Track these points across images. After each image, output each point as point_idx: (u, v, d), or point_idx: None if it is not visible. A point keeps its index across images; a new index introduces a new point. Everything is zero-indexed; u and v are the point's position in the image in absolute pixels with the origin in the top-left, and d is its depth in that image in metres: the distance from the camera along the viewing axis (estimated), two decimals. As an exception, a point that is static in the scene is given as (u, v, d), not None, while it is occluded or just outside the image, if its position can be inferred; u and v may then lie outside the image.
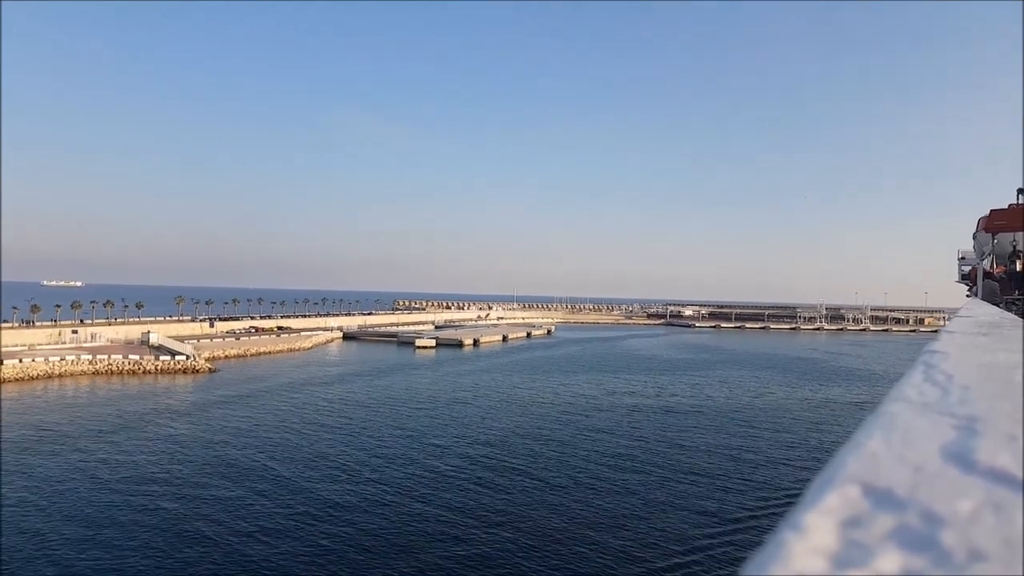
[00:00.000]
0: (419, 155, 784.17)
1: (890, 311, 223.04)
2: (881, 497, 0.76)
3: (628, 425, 51.07)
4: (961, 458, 0.90)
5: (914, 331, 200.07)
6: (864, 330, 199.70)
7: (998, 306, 13.99)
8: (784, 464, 41.22)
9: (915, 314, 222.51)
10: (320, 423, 49.38)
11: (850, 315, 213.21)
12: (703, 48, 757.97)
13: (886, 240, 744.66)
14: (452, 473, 37.41)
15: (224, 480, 35.29)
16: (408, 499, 32.88)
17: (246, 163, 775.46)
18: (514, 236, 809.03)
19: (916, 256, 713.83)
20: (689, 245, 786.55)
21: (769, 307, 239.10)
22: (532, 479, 36.74)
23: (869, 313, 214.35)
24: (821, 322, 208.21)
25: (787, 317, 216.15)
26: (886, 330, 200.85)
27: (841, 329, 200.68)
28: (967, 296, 26.47)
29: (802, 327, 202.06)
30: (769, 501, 34.02)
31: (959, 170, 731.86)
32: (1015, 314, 11.13)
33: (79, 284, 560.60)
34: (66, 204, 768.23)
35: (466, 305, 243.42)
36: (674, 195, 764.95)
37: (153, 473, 36.29)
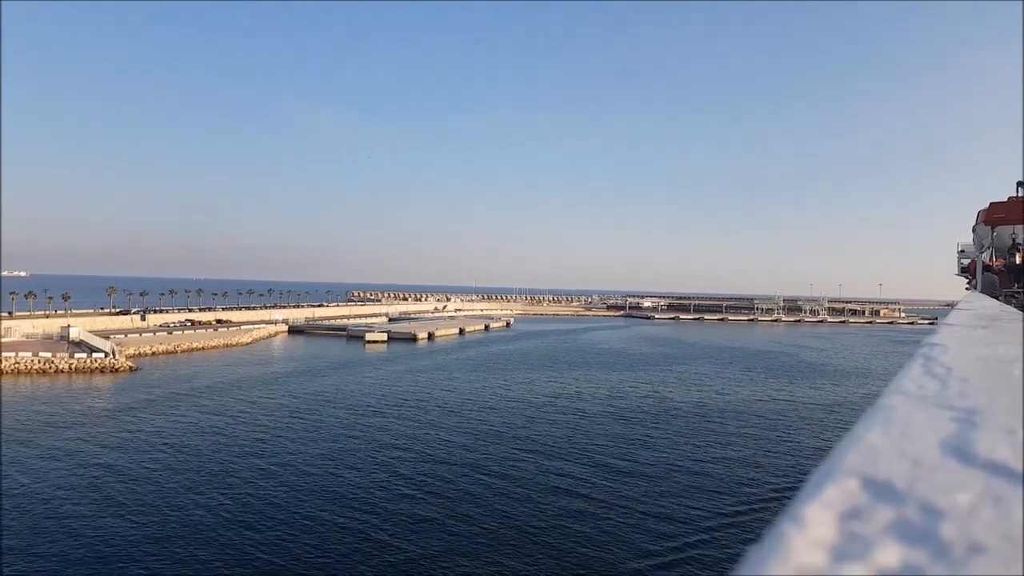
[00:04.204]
0: (382, 148, 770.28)
1: (846, 303, 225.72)
2: (880, 490, 0.76)
3: (587, 429, 46.79)
4: (960, 451, 0.90)
5: (870, 323, 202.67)
6: (821, 321, 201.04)
7: (997, 299, 13.87)
8: (761, 467, 37.56)
9: (870, 305, 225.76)
10: (234, 433, 43.18)
11: (807, 307, 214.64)
12: (671, 41, 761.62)
13: (840, 231, 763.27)
14: (379, 491, 32.41)
15: (89, 514, 29.49)
16: (325, 521, 27.90)
17: (204, 157, 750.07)
18: (475, 228, 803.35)
19: (870, 247, 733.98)
20: (648, 236, 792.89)
21: (727, 299, 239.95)
22: (477, 496, 32.07)
23: (826, 305, 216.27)
24: (779, 313, 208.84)
25: (745, 308, 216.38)
26: (843, 321, 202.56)
27: (798, 321, 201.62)
28: (966, 289, 25.33)
29: (760, 319, 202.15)
30: (747, 504, 30.30)
31: (913, 162, 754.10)
32: (1014, 307, 10.66)
33: (23, 274, 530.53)
34: (14, 192, 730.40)
35: (424, 297, 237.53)
36: (634, 188, 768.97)
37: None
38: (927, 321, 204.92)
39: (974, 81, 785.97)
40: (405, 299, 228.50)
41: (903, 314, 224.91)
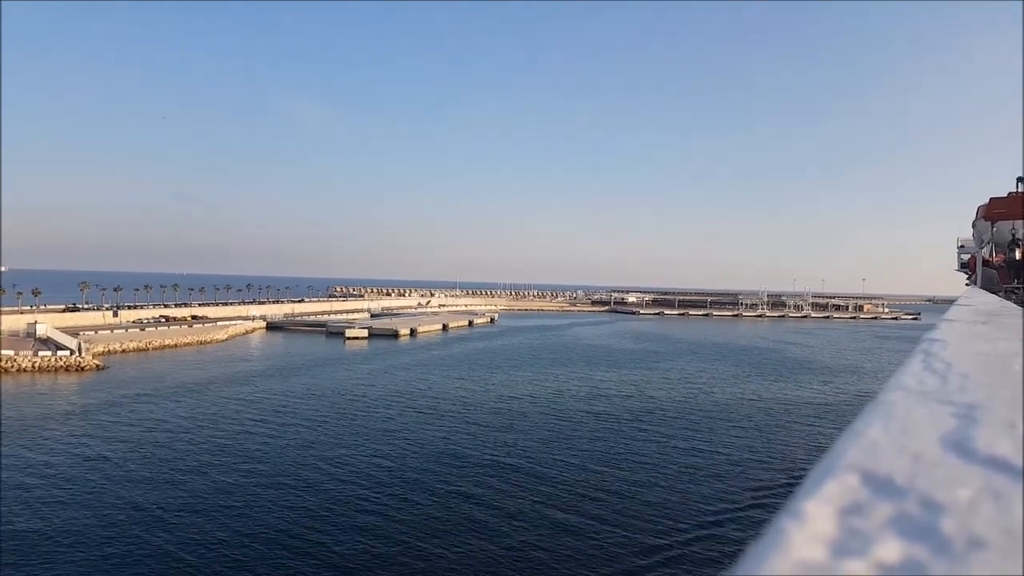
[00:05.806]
0: (366, 140, 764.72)
1: (830, 298, 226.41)
2: (881, 485, 0.76)
3: (571, 428, 45.16)
4: (960, 446, 0.90)
5: (854, 318, 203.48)
6: (805, 317, 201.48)
7: (997, 294, 13.83)
8: (752, 464, 36.18)
9: (854, 301, 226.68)
10: (193, 440, 40.59)
11: (791, 302, 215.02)
12: (658, 37, 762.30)
13: (824, 226, 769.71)
14: (344, 503, 30.57)
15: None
16: (283, 534, 26.06)
17: (188, 151, 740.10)
18: (460, 224, 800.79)
19: (853, 243, 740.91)
20: (633, 231, 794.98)
21: (711, 294, 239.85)
22: (451, 505, 30.34)
23: (810, 300, 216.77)
24: (763, 309, 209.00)
25: (729, 304, 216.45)
26: (827, 317, 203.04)
27: (783, 316, 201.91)
28: (966, 284, 25.53)
29: (744, 314, 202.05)
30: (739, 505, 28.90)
31: (896, 158, 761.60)
32: (1014, 303, 10.55)
33: (3, 269, 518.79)
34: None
35: (407, 292, 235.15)
36: (619, 183, 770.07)
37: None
38: (910, 316, 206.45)
39: (962, 78, 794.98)
40: (388, 294, 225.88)
41: (886, 309, 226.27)
